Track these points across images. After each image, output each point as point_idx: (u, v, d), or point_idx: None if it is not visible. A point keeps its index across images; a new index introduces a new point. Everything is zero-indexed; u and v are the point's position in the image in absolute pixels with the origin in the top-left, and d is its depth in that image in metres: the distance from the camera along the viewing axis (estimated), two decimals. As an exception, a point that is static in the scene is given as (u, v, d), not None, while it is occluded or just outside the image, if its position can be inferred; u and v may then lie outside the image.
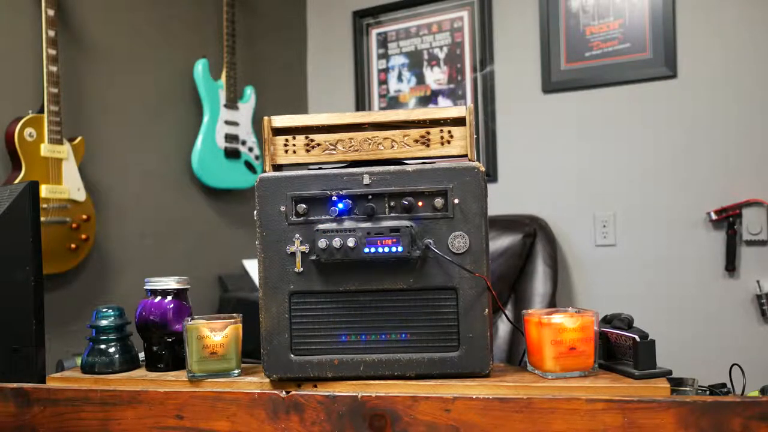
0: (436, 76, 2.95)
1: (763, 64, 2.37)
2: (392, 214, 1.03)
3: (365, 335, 1.03)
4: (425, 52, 2.97)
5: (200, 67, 2.57)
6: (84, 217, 2.09)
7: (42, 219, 1.87)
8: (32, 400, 1.06)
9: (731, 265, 2.36)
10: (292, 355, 1.04)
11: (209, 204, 2.69)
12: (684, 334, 2.42)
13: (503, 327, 2.41)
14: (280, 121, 1.08)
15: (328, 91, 3.21)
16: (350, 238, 1.01)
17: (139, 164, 2.42)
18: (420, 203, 1.02)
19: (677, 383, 1.00)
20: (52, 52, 2.02)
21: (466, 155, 1.06)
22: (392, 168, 1.03)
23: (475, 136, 1.06)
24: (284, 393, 0.98)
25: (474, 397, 0.91)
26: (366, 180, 1.03)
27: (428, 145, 1.07)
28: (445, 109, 1.07)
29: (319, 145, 1.08)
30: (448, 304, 1.02)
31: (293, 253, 1.04)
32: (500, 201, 2.67)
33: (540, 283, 2.47)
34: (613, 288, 2.58)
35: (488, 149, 2.81)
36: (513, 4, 2.79)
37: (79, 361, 1.23)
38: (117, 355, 1.17)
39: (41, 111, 2.02)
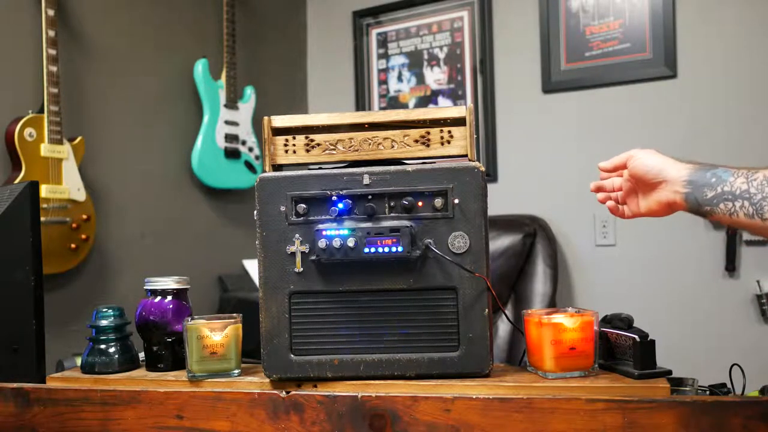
0: (436, 76, 2.95)
1: (763, 64, 2.37)
2: (392, 214, 1.03)
3: (365, 335, 1.03)
4: (425, 52, 2.97)
5: (200, 67, 2.57)
6: (84, 217, 2.09)
7: (42, 219, 1.87)
8: (32, 400, 1.06)
9: (731, 265, 2.36)
10: (292, 355, 1.04)
11: (209, 204, 2.69)
12: (684, 334, 2.42)
13: (503, 327, 2.41)
14: (280, 121, 1.08)
15: (328, 91, 3.21)
16: (350, 238, 1.01)
17: (139, 164, 2.42)
18: (420, 203, 1.02)
19: (677, 383, 1.00)
20: (52, 52, 2.02)
21: (466, 155, 1.06)
22: (392, 168, 1.03)
23: (475, 136, 1.06)
24: (284, 393, 0.98)
25: (474, 397, 0.91)
26: (366, 180, 1.03)
27: (428, 145, 1.06)
28: (445, 109, 1.07)
29: (319, 145, 1.08)
30: (448, 304, 1.02)
31: (293, 253, 1.04)
32: (500, 201, 2.67)
33: (540, 283, 2.47)
34: (613, 288, 2.58)
35: (488, 149, 2.81)
36: (513, 4, 2.79)
37: (79, 361, 1.22)
38: (117, 355, 1.17)
39: (41, 111, 2.02)
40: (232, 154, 2.64)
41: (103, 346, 1.17)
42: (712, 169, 1.00)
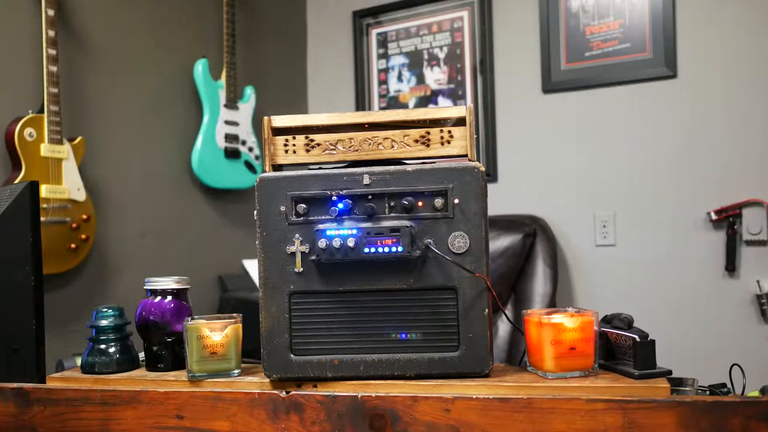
0: (436, 76, 2.95)
1: (763, 64, 2.37)
2: (392, 214, 1.03)
3: (365, 335, 1.03)
4: (425, 52, 2.97)
5: (200, 67, 2.57)
6: (84, 217, 2.09)
7: (42, 219, 1.87)
8: (32, 400, 1.06)
9: (731, 265, 2.36)
10: (292, 355, 1.04)
11: (209, 204, 2.69)
12: (684, 334, 2.42)
13: (503, 327, 2.41)
14: (280, 121, 1.08)
15: (328, 91, 3.21)
16: (350, 238, 1.01)
17: (139, 164, 2.42)
18: (420, 203, 1.02)
19: (677, 383, 1.00)
20: (52, 52, 2.02)
21: (466, 155, 1.06)
22: (392, 168, 1.03)
23: (475, 136, 1.06)
24: (284, 393, 0.98)
25: (474, 397, 0.91)
26: (366, 180, 1.03)
27: (428, 145, 1.07)
28: (445, 109, 1.07)
29: (319, 145, 1.08)
30: (448, 304, 1.02)
31: (293, 253, 1.04)
32: (500, 201, 2.67)
33: (540, 283, 2.47)
34: (613, 288, 2.58)
35: (488, 149, 2.81)
36: (513, 4, 2.79)
37: (79, 361, 1.23)
38: (117, 355, 1.17)
39: (41, 111, 2.02)
40: (232, 154, 2.64)
41: (103, 346, 1.17)
42: None
